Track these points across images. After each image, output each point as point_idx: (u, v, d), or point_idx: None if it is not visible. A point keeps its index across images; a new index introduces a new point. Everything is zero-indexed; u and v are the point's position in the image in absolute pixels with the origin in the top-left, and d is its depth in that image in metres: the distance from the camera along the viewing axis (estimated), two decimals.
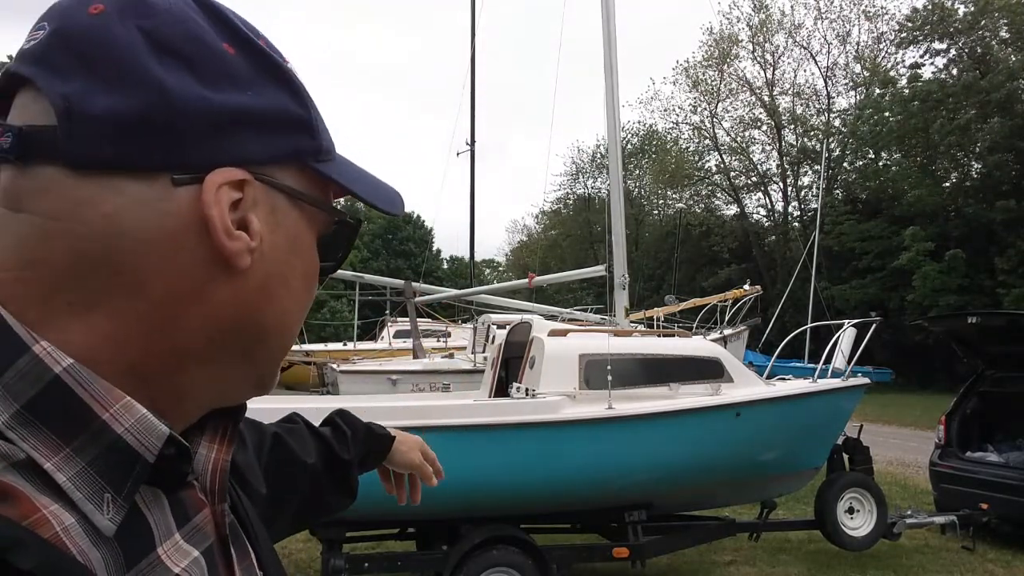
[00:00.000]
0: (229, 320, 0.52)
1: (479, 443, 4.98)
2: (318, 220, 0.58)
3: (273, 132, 0.53)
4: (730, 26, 33.02)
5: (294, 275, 0.56)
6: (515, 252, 55.58)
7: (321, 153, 0.56)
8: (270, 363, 0.57)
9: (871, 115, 27.57)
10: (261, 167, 0.52)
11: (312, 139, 0.56)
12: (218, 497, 0.56)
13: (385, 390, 9.32)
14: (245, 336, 0.53)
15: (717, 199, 37.37)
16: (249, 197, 0.51)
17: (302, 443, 1.02)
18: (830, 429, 6.46)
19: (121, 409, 0.47)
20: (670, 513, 6.16)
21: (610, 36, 8.23)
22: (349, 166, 0.61)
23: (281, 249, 0.54)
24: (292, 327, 0.58)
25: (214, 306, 0.51)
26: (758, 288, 16.88)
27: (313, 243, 0.58)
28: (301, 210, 0.56)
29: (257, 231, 0.51)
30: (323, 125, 0.58)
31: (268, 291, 0.54)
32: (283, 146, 0.54)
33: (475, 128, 21.62)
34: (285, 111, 0.53)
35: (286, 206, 0.54)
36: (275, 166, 0.53)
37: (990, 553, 6.75)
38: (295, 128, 0.54)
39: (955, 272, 22.87)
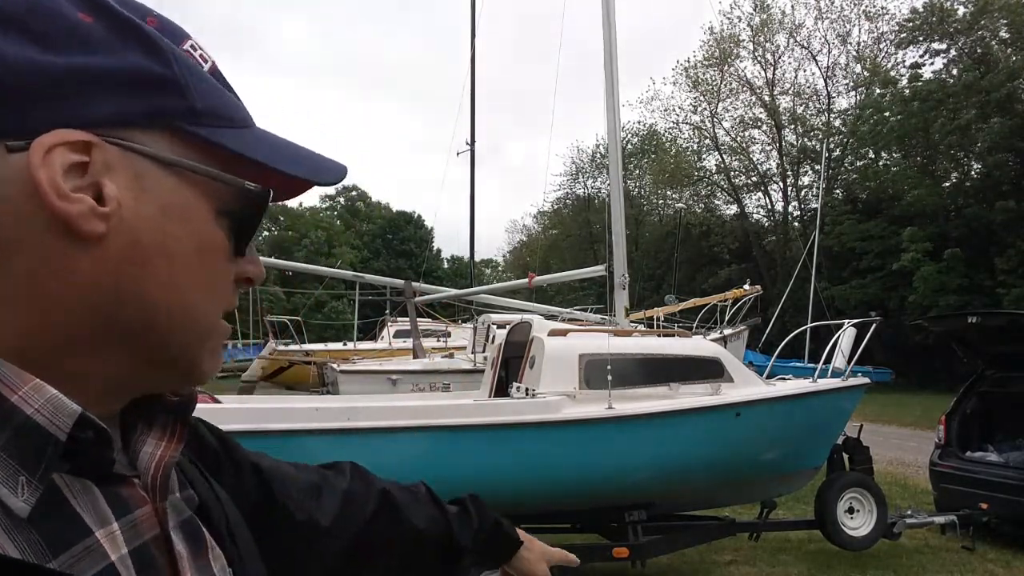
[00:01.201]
0: (99, 294, 0.49)
1: (479, 443, 4.98)
2: (212, 190, 0.54)
3: (124, 92, 0.50)
4: (731, 26, 33.05)
5: (177, 245, 0.52)
6: (515, 252, 55.63)
7: (197, 116, 0.53)
8: (178, 350, 0.54)
9: (871, 115, 27.57)
10: (114, 129, 0.50)
11: (181, 99, 0.52)
12: (160, 494, 0.54)
13: (385, 390, 9.32)
14: (126, 314, 0.50)
15: (717, 199, 37.39)
16: (98, 161, 0.49)
17: (417, 508, 0.99)
18: (830, 429, 6.46)
19: (30, 391, 0.46)
20: (670, 513, 6.16)
21: (610, 36, 8.23)
22: (264, 138, 0.57)
23: (151, 217, 0.51)
24: (196, 307, 0.54)
25: (79, 279, 0.49)
26: (758, 288, 16.90)
27: (208, 214, 0.54)
28: (180, 177, 0.52)
29: (112, 196, 0.49)
30: (203, 87, 0.54)
31: (137, 261, 0.50)
32: (137, 107, 0.51)
33: (475, 128, 21.64)
34: (140, 69, 0.51)
35: (156, 172, 0.51)
36: (135, 129, 0.51)
37: (990, 553, 6.75)
38: (153, 87, 0.51)
39: (955, 272, 22.87)
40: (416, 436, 4.90)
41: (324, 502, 0.88)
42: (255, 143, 0.56)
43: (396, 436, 4.86)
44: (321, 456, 4.04)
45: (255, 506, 0.79)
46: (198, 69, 0.55)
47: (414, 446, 4.88)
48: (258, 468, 0.83)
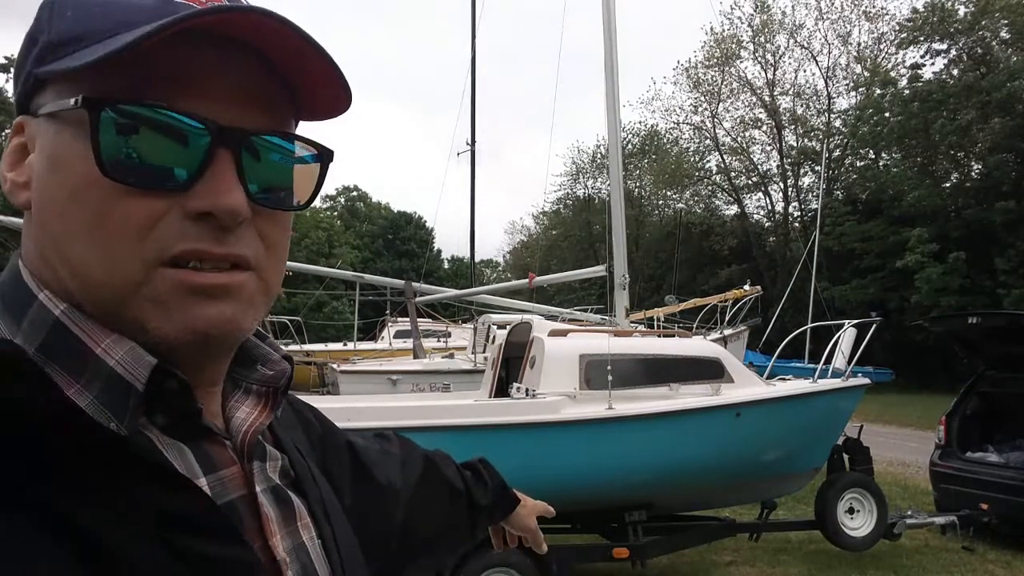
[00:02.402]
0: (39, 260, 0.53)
1: (479, 443, 4.98)
2: (77, 121, 0.50)
3: (20, 67, 0.54)
4: (731, 27, 33.03)
5: (56, 195, 0.51)
6: (515, 252, 55.58)
7: (53, 50, 0.51)
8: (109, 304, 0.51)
9: (871, 115, 27.55)
10: (30, 101, 0.54)
11: (35, 45, 0.53)
12: (247, 456, 0.57)
13: (385, 390, 9.31)
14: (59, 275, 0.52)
15: (717, 199, 37.36)
16: (29, 136, 0.54)
17: (449, 470, 1.09)
18: (830, 429, 6.46)
19: (111, 344, 0.50)
20: (670, 513, 6.16)
21: (610, 36, 8.22)
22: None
23: (43, 174, 0.52)
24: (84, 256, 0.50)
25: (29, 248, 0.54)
26: (758, 288, 16.88)
27: (83, 153, 0.50)
28: (58, 123, 0.51)
29: (30, 164, 0.53)
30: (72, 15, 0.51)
31: (42, 221, 0.52)
32: (24, 72, 0.54)
33: (475, 128, 21.64)
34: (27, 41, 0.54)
35: (42, 128, 0.53)
36: (35, 94, 0.54)
37: (990, 553, 6.75)
38: (27, 47, 0.54)
39: (956, 273, 22.86)
40: (416, 436, 4.88)
41: (391, 467, 0.94)
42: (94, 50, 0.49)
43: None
44: None
45: (354, 482, 0.84)
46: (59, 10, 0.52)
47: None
48: (351, 445, 0.88)
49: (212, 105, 0.51)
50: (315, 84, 0.56)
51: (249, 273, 0.54)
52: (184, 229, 0.51)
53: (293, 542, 0.58)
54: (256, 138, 0.54)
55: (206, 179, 0.51)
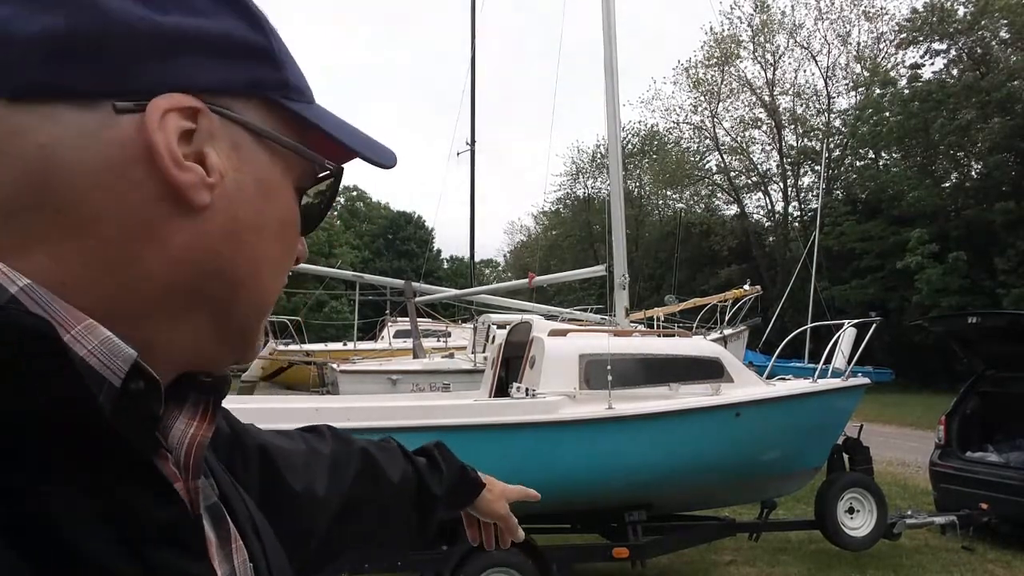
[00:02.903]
0: (192, 266, 0.47)
1: (479, 443, 4.97)
2: (293, 166, 0.53)
3: (227, 59, 0.48)
4: (731, 26, 33.04)
5: (267, 222, 0.51)
6: (515, 252, 55.60)
7: (288, 89, 0.52)
8: (244, 324, 0.53)
9: (871, 115, 27.56)
10: (216, 97, 0.48)
11: (275, 71, 0.51)
12: (192, 472, 0.51)
13: (385, 390, 9.31)
14: (212, 287, 0.49)
15: (717, 199, 37.38)
16: (204, 129, 0.47)
17: (392, 463, 1.00)
18: (830, 429, 6.46)
19: (83, 331, 0.43)
20: (670, 513, 6.16)
21: (610, 36, 8.23)
22: (328, 113, 0.56)
23: (249, 191, 0.50)
24: (267, 283, 0.53)
25: (174, 250, 0.46)
26: (758, 288, 16.88)
27: (290, 191, 0.53)
28: (271, 151, 0.51)
29: (216, 166, 0.48)
30: (291, 61, 0.53)
31: (236, 236, 0.49)
32: (240, 75, 0.49)
33: (475, 128, 21.65)
34: (241, 37, 0.49)
35: (251, 144, 0.50)
36: (233, 98, 0.49)
37: (990, 553, 6.75)
38: (252, 56, 0.50)
39: (956, 273, 22.87)
40: (416, 436, 4.89)
41: (316, 470, 0.86)
42: (332, 122, 0.55)
43: (396, 436, 4.85)
44: None
45: (263, 488, 0.76)
46: (282, 40, 0.54)
47: (413, 446, 4.87)
48: (264, 450, 0.80)
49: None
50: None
51: None
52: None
53: (228, 567, 0.53)
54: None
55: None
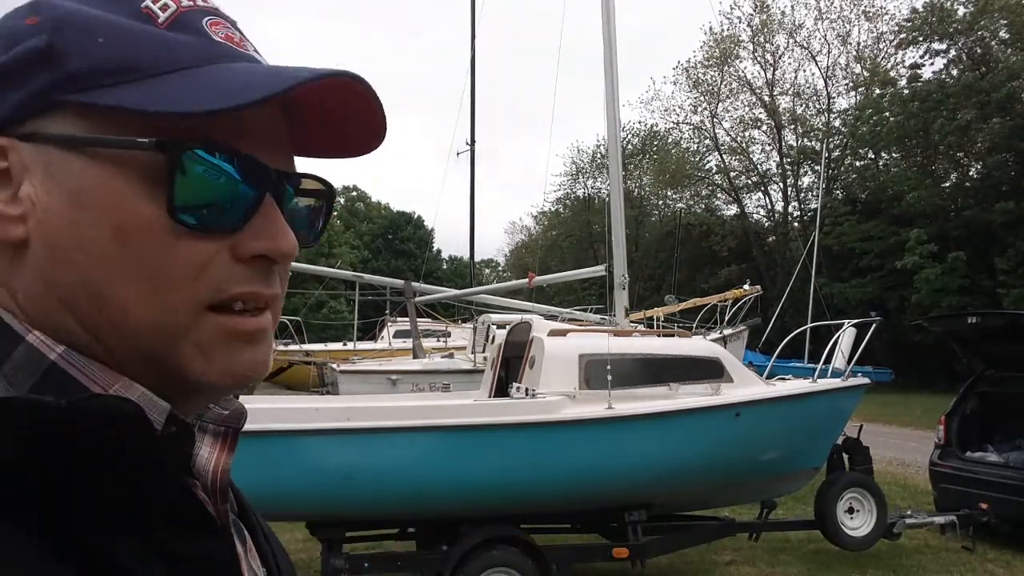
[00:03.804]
0: (47, 300, 0.48)
1: (479, 443, 4.98)
2: (131, 161, 0.48)
3: (17, 82, 0.48)
4: (731, 26, 33.04)
5: (94, 235, 0.47)
6: (515, 252, 55.60)
7: (79, 80, 0.47)
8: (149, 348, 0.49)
9: (871, 115, 27.57)
10: (21, 124, 0.48)
11: (57, 67, 0.47)
12: (220, 497, 0.55)
13: (385, 390, 9.32)
14: (77, 316, 0.48)
15: (717, 199, 37.37)
16: (15, 162, 0.48)
17: None
18: (830, 429, 6.47)
19: (121, 388, 0.48)
20: (670, 513, 6.16)
21: (610, 36, 8.23)
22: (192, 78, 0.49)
23: (61, 209, 0.47)
24: (129, 299, 0.48)
25: (28, 287, 0.48)
26: (758, 288, 16.88)
27: (131, 190, 0.47)
28: (90, 156, 0.47)
29: (25, 196, 0.47)
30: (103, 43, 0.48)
31: (58, 259, 0.47)
32: (23, 91, 0.48)
33: (475, 128, 21.65)
34: (24, 52, 0.47)
35: (62, 158, 0.47)
36: (39, 117, 0.48)
37: (990, 553, 6.75)
38: (36, 65, 0.47)
39: (955, 273, 22.88)
40: (416, 436, 4.90)
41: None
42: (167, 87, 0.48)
43: (396, 436, 4.86)
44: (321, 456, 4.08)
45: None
46: (97, 22, 0.49)
47: (414, 446, 4.89)
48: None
49: (256, 147, 0.51)
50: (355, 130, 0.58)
51: (268, 312, 0.54)
52: (235, 271, 0.50)
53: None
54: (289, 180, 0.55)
55: (257, 221, 0.51)
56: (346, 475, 4.63)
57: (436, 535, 5.33)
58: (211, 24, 0.52)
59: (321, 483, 4.62)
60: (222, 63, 0.50)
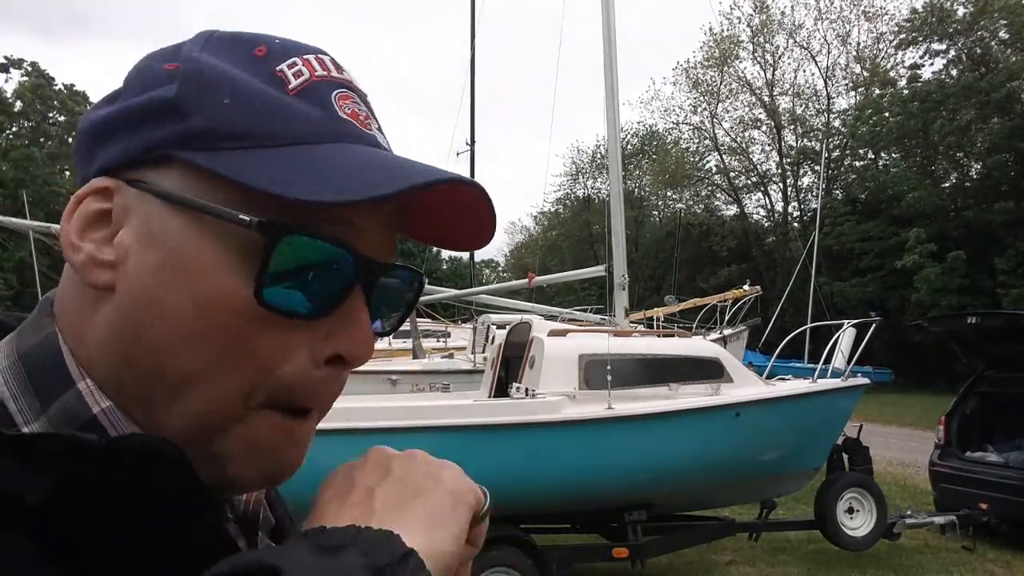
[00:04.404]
0: (114, 352, 0.46)
1: (479, 443, 4.98)
2: (226, 230, 0.45)
3: (138, 128, 0.47)
4: (731, 27, 33.05)
5: (174, 302, 0.45)
6: (515, 252, 55.61)
7: (192, 139, 0.46)
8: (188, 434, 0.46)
9: (871, 115, 27.57)
10: (134, 170, 0.47)
11: (177, 122, 0.46)
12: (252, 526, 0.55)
13: (385, 390, 9.31)
14: (136, 375, 0.46)
15: (717, 199, 37.38)
16: (118, 206, 0.46)
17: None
18: (830, 429, 6.47)
19: None
20: (670, 513, 6.16)
21: (610, 36, 8.23)
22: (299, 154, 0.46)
23: (151, 265, 0.45)
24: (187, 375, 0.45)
25: (100, 333, 0.46)
26: (758, 288, 16.87)
27: (221, 261, 0.45)
28: (189, 217, 0.45)
29: (121, 243, 0.46)
30: (229, 104, 0.46)
31: (133, 316, 0.45)
32: (147, 140, 0.46)
33: (475, 128, 21.65)
34: (151, 100, 0.47)
35: (163, 212, 0.45)
36: (150, 167, 0.47)
37: (990, 553, 6.75)
38: (159, 115, 0.46)
39: (955, 273, 22.88)
40: (416, 436, 4.90)
41: None
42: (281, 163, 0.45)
43: (396, 436, 4.86)
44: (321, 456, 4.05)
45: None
46: (226, 80, 0.47)
47: (414, 447, 4.87)
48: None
49: (357, 236, 0.48)
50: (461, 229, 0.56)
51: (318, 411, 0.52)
52: (308, 372, 0.47)
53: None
54: (385, 273, 0.51)
55: (342, 316, 0.48)
56: None
57: None
58: (340, 98, 0.50)
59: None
60: (342, 143, 0.48)
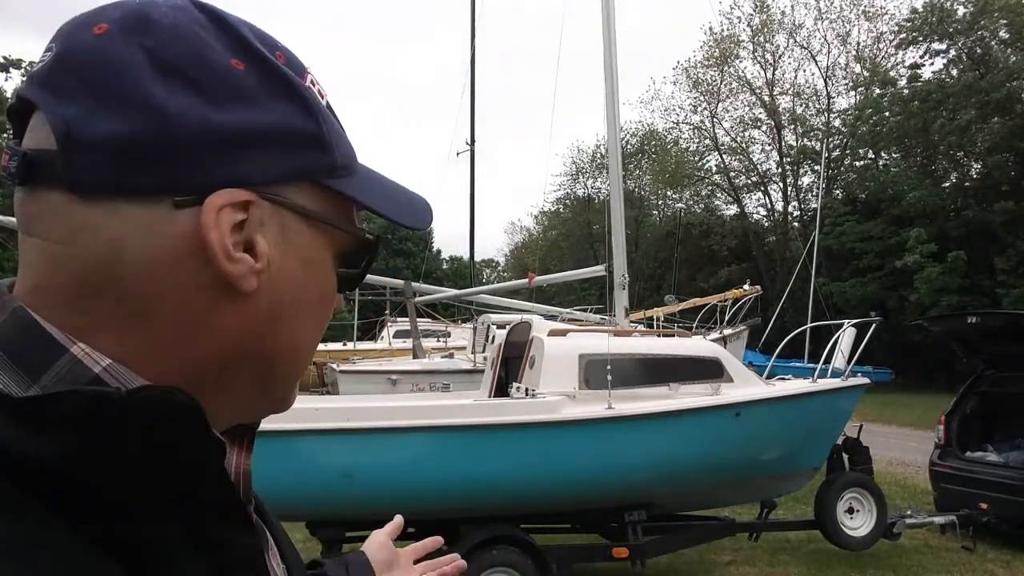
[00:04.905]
0: (240, 345, 0.51)
1: (479, 443, 4.98)
2: (335, 239, 0.56)
3: (280, 150, 0.51)
4: (731, 26, 33.04)
5: (308, 297, 0.55)
6: (515, 252, 55.61)
7: (336, 169, 0.55)
8: (285, 385, 0.57)
9: (871, 115, 27.56)
10: (268, 186, 0.51)
11: (324, 155, 0.54)
12: (245, 498, 0.57)
13: (385, 390, 9.32)
14: (258, 361, 0.53)
15: (717, 199, 37.39)
16: (255, 218, 0.50)
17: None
18: (830, 429, 6.47)
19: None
20: (670, 513, 6.16)
21: (610, 36, 8.23)
22: (370, 179, 0.59)
23: (293, 271, 0.53)
24: (306, 349, 0.57)
25: (224, 331, 0.50)
26: (758, 288, 16.86)
27: (330, 262, 0.56)
28: (316, 229, 0.54)
29: (264, 253, 0.50)
30: (339, 139, 0.55)
31: (279, 314, 0.53)
32: (291, 164, 0.52)
33: (475, 128, 21.65)
34: (293, 128, 0.51)
35: (297, 225, 0.53)
36: (284, 184, 0.52)
37: (990, 553, 6.75)
38: (304, 145, 0.52)
39: (955, 273, 22.88)
40: (416, 436, 4.90)
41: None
42: (371, 192, 0.58)
43: (396, 436, 4.86)
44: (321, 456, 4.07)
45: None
46: (331, 118, 0.56)
47: (414, 446, 4.89)
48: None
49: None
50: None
51: None
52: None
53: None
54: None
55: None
56: (346, 475, 4.63)
57: (436, 535, 5.33)
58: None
59: (321, 483, 4.62)
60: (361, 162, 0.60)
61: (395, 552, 0.99)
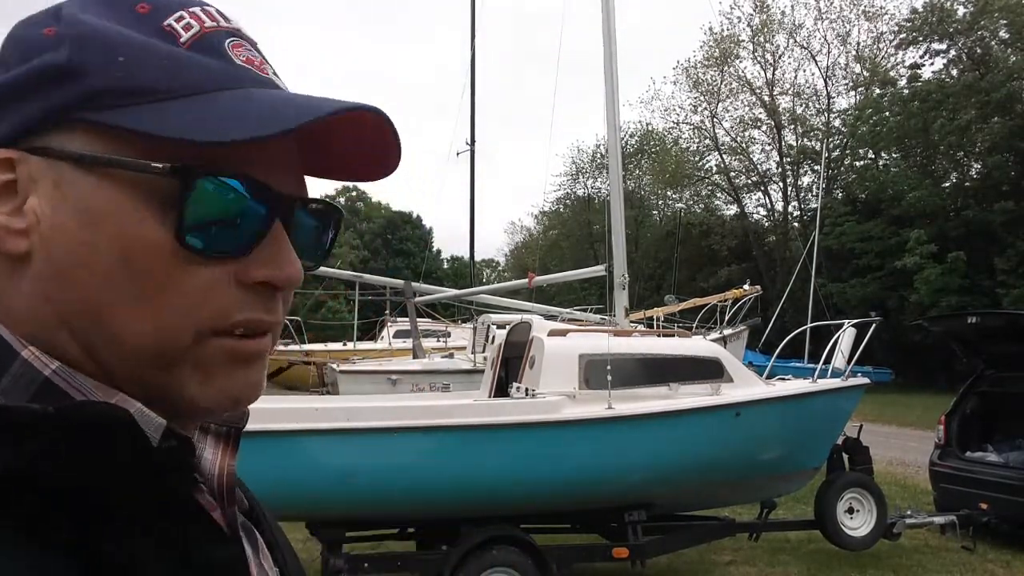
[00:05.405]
0: (46, 315, 0.48)
1: (479, 443, 4.98)
2: (144, 183, 0.47)
3: (32, 95, 0.47)
4: (731, 26, 33.04)
5: (99, 255, 0.47)
6: (515, 252, 55.60)
7: (98, 97, 0.47)
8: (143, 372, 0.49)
9: (871, 115, 27.56)
10: (35, 137, 0.48)
11: (74, 84, 0.47)
12: (227, 500, 0.55)
13: (385, 390, 9.32)
14: (75, 334, 0.48)
15: (717, 199, 37.38)
16: (23, 176, 0.47)
17: None
18: (830, 429, 6.47)
19: (118, 403, 0.47)
20: (670, 513, 6.16)
21: (610, 35, 8.23)
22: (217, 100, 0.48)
23: (66, 226, 0.47)
24: (129, 321, 0.48)
25: (27, 300, 0.48)
26: (758, 288, 16.85)
27: (140, 212, 0.47)
28: (97, 175, 0.47)
29: (30, 209, 0.47)
30: (123, 61, 0.48)
31: (57, 276, 0.47)
32: (41, 106, 0.47)
33: (475, 128, 21.66)
34: (42, 66, 0.47)
35: (73, 175, 0.47)
36: (48, 133, 0.48)
37: (990, 553, 6.75)
38: (54, 80, 0.47)
39: (955, 273, 22.87)
40: (416, 436, 4.90)
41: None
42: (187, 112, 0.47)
43: (396, 436, 4.86)
44: (321, 456, 4.08)
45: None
46: (119, 40, 0.48)
47: (414, 446, 4.88)
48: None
49: (267, 172, 0.51)
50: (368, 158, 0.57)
51: (269, 336, 0.54)
52: (239, 297, 0.50)
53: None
54: (300, 205, 0.54)
55: (264, 247, 0.51)
56: (346, 475, 4.63)
57: (436, 535, 5.33)
58: (233, 46, 0.52)
59: (321, 483, 4.62)
60: (242, 87, 0.50)
61: None
